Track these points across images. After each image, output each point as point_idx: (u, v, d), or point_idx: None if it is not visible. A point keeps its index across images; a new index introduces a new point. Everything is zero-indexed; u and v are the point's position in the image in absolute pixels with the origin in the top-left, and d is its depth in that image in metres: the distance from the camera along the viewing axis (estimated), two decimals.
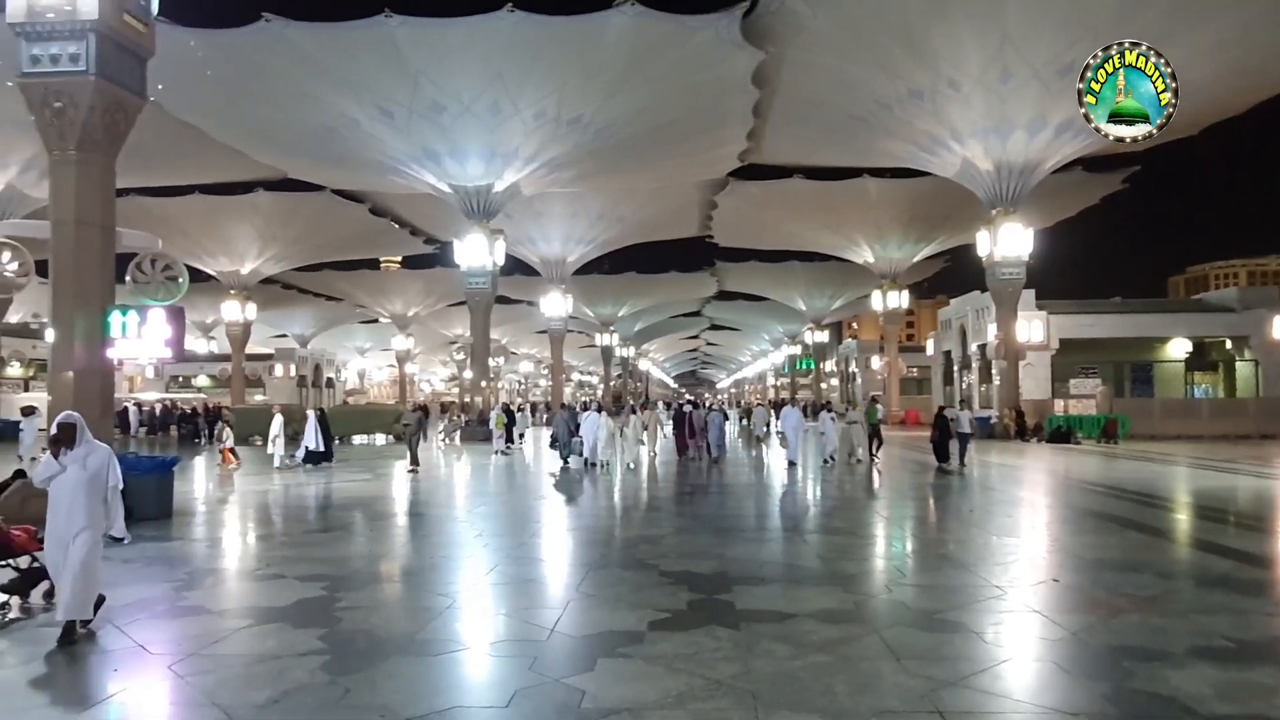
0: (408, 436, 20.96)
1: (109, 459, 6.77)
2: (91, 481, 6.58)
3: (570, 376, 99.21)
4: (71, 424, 6.65)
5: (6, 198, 32.16)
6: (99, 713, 5.26)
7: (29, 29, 11.96)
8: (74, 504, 6.46)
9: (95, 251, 12.53)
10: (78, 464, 6.55)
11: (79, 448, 6.61)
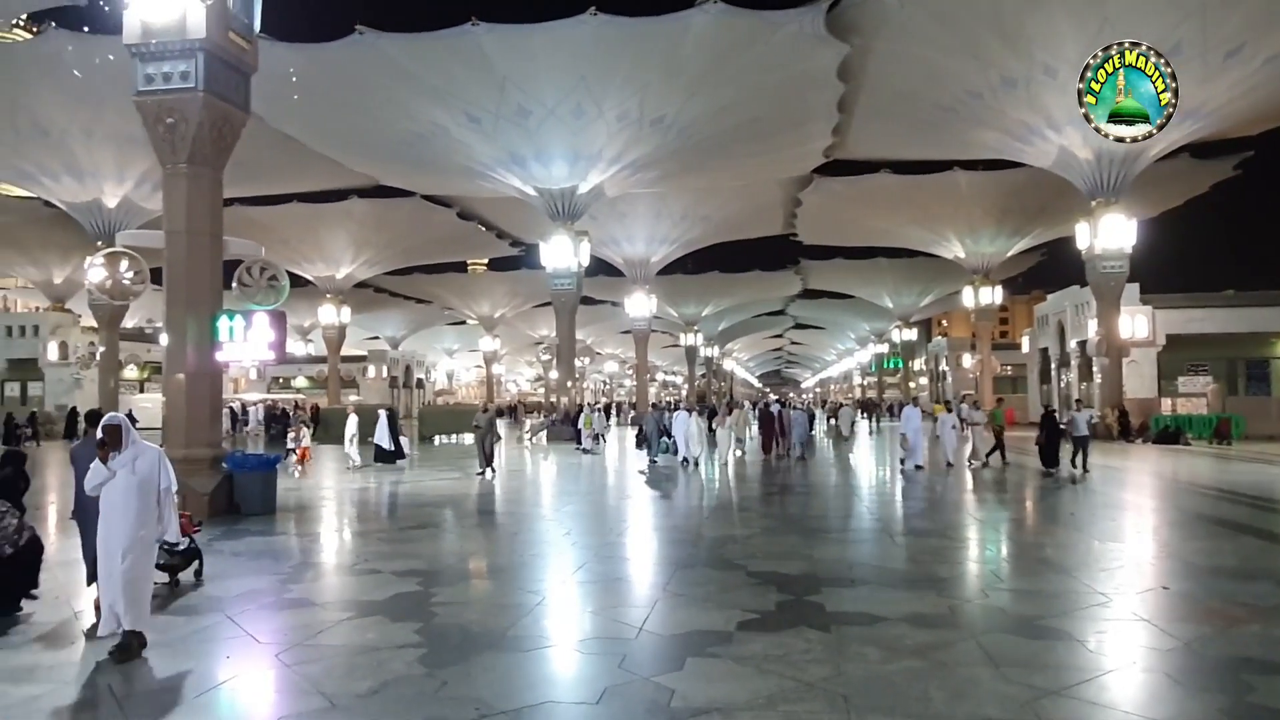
0: (478, 439, 20.30)
1: (159, 460, 6.41)
2: (142, 485, 6.24)
3: (654, 376, 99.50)
4: (117, 426, 6.28)
5: (123, 210, 34.07)
6: (213, 697, 5.52)
7: (143, 49, 12.65)
8: (125, 509, 6.15)
9: (205, 259, 13.18)
10: (126, 468, 6.20)
11: (126, 451, 6.24)
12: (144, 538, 6.26)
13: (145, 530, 6.26)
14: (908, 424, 20.65)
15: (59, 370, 43.81)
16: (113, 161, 32.10)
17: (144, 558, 6.30)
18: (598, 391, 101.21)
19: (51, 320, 45.84)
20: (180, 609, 7.62)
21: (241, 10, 13.35)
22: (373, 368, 68.13)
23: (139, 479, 6.22)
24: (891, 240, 49.58)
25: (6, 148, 31.07)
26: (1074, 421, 19.29)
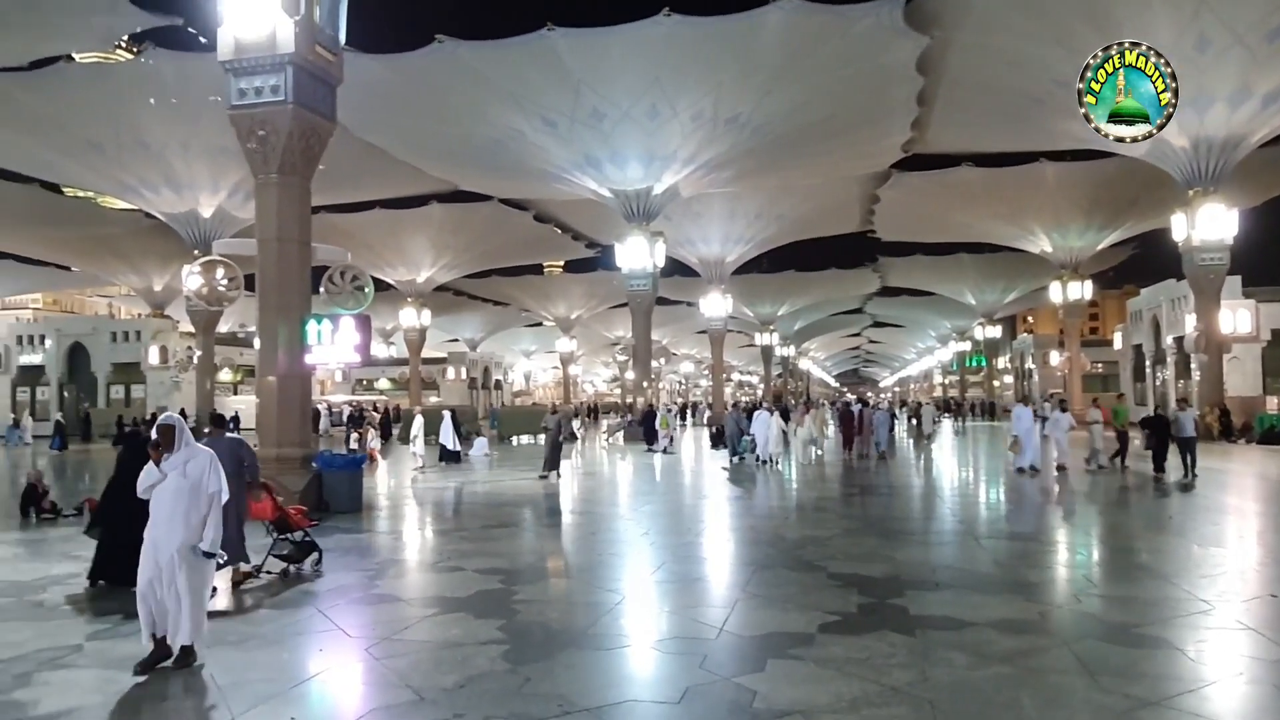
0: (547, 441, 19.65)
1: (209, 464, 6.10)
2: (194, 490, 5.97)
3: (730, 376, 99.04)
4: (170, 426, 6.04)
5: (218, 219, 35.56)
6: (307, 689, 5.72)
7: (236, 65, 13.19)
8: (174, 515, 5.86)
9: (294, 265, 13.66)
10: (178, 471, 5.94)
11: (178, 453, 5.99)
12: (191, 539, 5.93)
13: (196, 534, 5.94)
14: (1018, 424, 19.51)
15: (159, 373, 45.89)
16: (208, 173, 33.55)
17: (198, 567, 5.95)
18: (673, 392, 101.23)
19: (152, 326, 48.08)
20: (274, 602, 7.91)
21: (327, 24, 13.80)
22: (452, 369, 69.54)
23: (190, 483, 5.96)
24: (973, 235, 48.28)
25: (111, 162, 32.75)
26: (1179, 422, 18.06)
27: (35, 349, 47.57)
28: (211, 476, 6.07)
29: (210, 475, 6.06)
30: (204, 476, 6.02)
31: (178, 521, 5.86)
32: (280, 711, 5.19)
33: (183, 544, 5.83)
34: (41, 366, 47.27)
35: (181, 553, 5.81)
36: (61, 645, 6.49)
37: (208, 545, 5.96)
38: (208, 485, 6.02)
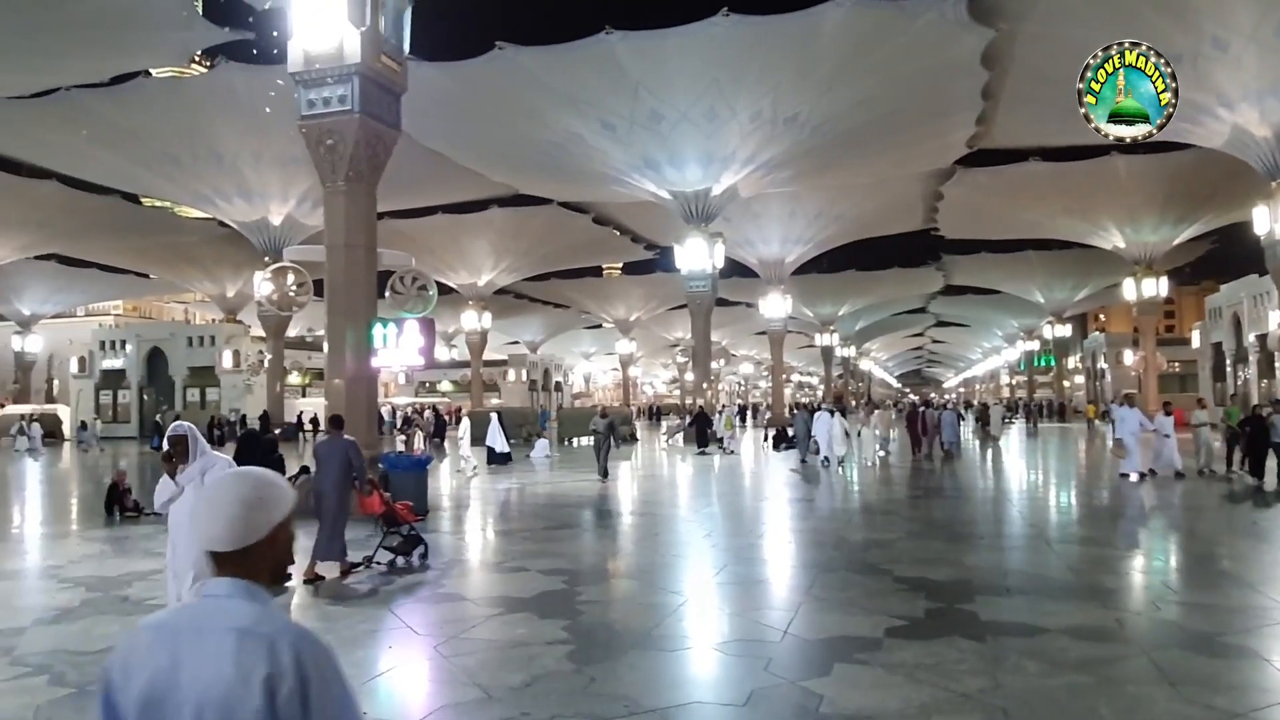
0: (595, 446, 19.17)
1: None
2: None
3: (790, 377, 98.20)
4: (183, 436, 5.62)
5: (287, 226, 36.59)
6: (378, 685, 5.85)
7: (305, 76, 13.55)
8: (192, 530, 5.16)
9: (361, 270, 13.97)
10: (194, 483, 5.51)
11: (194, 463, 5.56)
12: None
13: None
14: (1123, 426, 18.04)
15: (233, 377, 47.37)
16: (278, 182, 34.54)
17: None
18: (733, 393, 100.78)
19: (226, 331, 49.66)
20: (346, 600, 8.10)
21: (392, 34, 14.09)
22: (513, 371, 70.34)
23: None
24: (1041, 231, 47.04)
25: (187, 173, 33.94)
26: (1276, 425, 16.76)
27: (117, 354, 49.46)
28: None
29: None
30: None
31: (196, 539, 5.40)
32: None
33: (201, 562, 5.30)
34: (123, 370, 49.12)
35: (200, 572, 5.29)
36: None
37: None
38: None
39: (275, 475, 1.89)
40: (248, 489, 1.78)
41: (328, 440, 9.66)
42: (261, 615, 1.70)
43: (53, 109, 28.43)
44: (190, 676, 1.63)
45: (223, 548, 1.74)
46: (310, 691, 1.64)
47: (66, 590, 8.58)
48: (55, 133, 30.78)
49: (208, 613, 1.70)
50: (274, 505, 1.80)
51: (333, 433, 9.76)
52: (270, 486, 1.81)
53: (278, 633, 1.67)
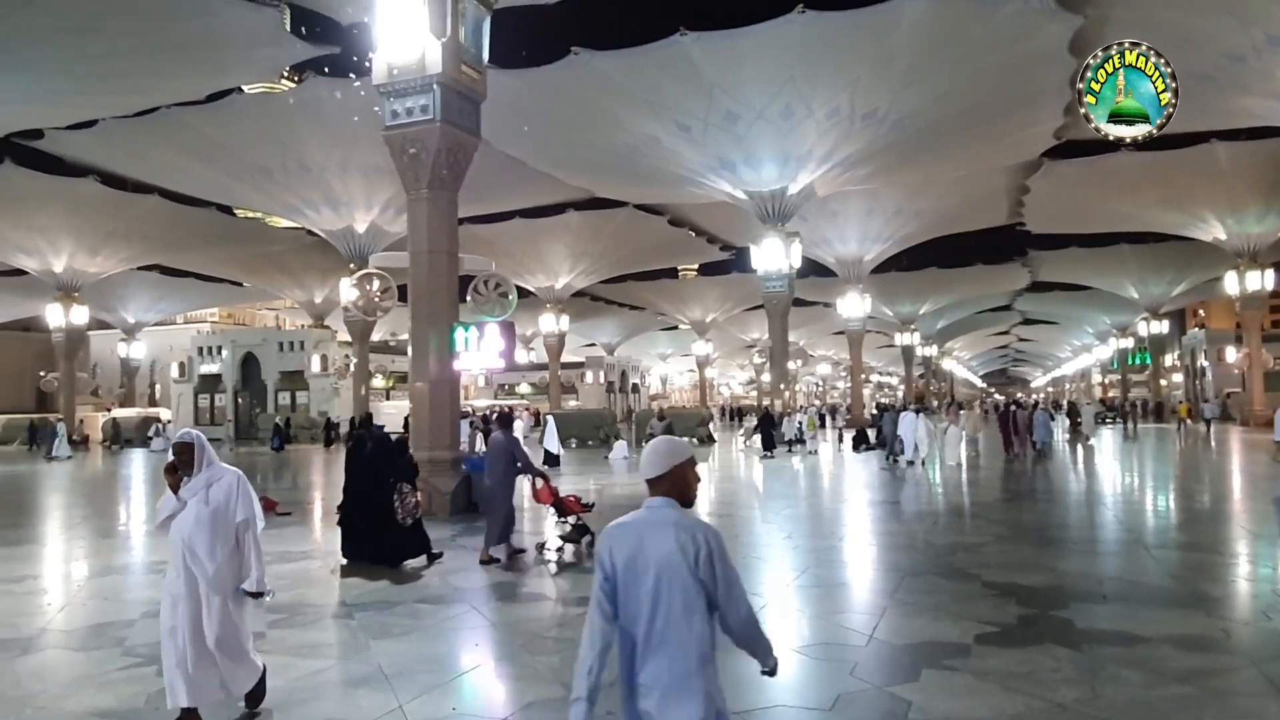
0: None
1: (235, 487, 4.98)
2: (214, 519, 4.88)
3: (869, 378, 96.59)
4: (188, 444, 4.98)
5: (371, 234, 37.69)
6: (465, 681, 5.98)
7: (389, 88, 13.95)
8: (194, 548, 4.83)
9: (443, 276, 14.29)
10: (198, 497, 4.90)
11: (199, 475, 4.95)
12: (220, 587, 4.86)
13: (219, 577, 4.86)
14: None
15: (321, 380, 48.97)
16: (362, 191, 35.62)
17: (228, 608, 4.90)
18: (810, 394, 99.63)
19: (314, 336, 51.37)
20: (430, 598, 8.27)
21: (471, 43, 14.38)
22: (590, 373, 70.93)
23: (210, 510, 4.88)
24: (1135, 224, 45.21)
25: (277, 185, 35.28)
26: None
27: (213, 359, 51.64)
28: (239, 501, 4.95)
29: (237, 500, 4.94)
30: (229, 501, 4.92)
31: (205, 556, 4.82)
32: (442, 702, 5.43)
33: (207, 588, 4.79)
34: (219, 375, 51.26)
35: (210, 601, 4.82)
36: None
37: (252, 584, 4.94)
38: (234, 512, 4.93)
39: (679, 441, 3.19)
40: (664, 444, 3.09)
41: (495, 435, 10.76)
42: (682, 516, 3.00)
43: (154, 127, 29.94)
44: (650, 548, 2.91)
45: (651, 474, 3.05)
46: (715, 558, 2.91)
47: None
48: (157, 149, 32.40)
49: (653, 515, 2.99)
50: (677, 454, 3.08)
51: (502, 431, 10.79)
52: (675, 443, 3.13)
53: (695, 525, 2.96)
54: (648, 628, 2.88)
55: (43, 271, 42.64)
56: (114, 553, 11.56)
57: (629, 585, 2.91)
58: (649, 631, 2.89)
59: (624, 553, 2.92)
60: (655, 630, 2.88)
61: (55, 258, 41.94)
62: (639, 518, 3.00)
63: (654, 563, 2.87)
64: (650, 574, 2.87)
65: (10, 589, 9.10)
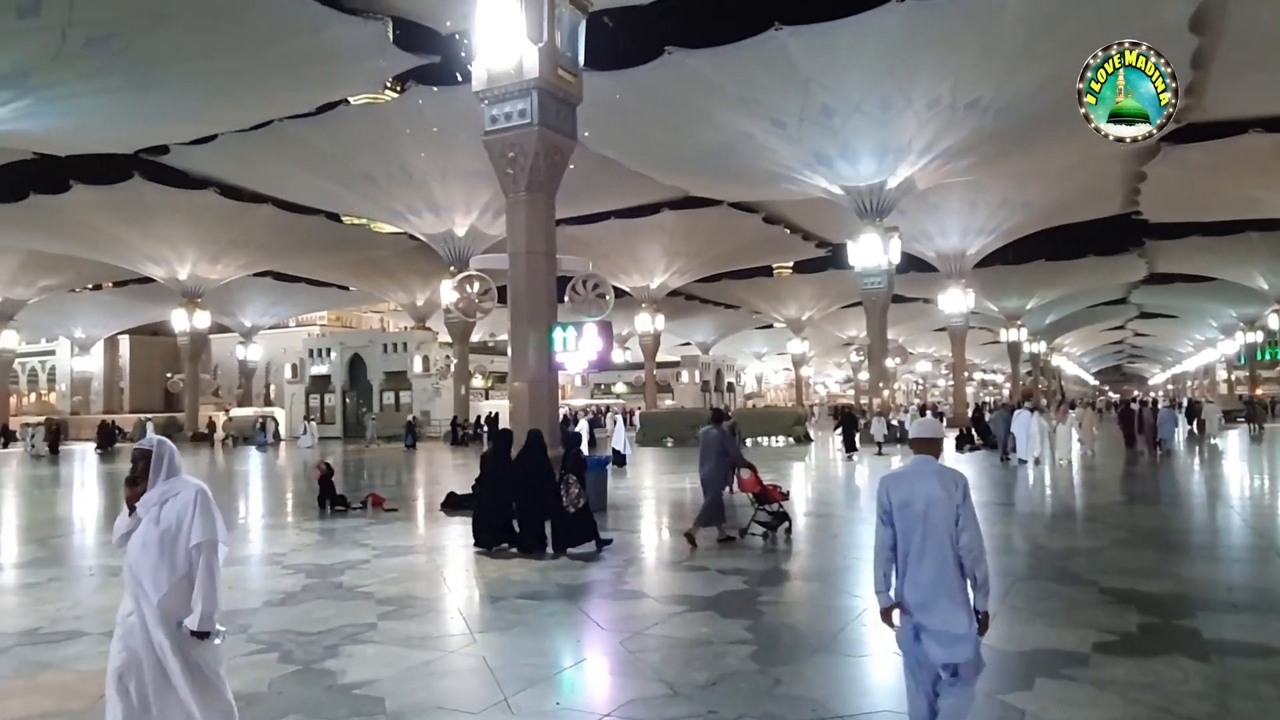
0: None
1: (193, 505, 4.10)
2: (163, 542, 4.05)
3: (972, 376, 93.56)
4: (146, 452, 4.21)
5: (470, 237, 38.64)
6: (568, 677, 6.06)
7: (488, 94, 14.25)
8: (141, 573, 4.04)
9: (542, 276, 14.51)
10: (150, 515, 4.11)
11: (153, 489, 4.14)
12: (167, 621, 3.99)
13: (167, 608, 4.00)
14: None
15: (423, 380, 50.45)
16: (461, 196, 36.55)
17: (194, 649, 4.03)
18: (909, 392, 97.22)
19: (417, 337, 52.97)
20: (532, 594, 8.42)
21: (567, 47, 14.56)
22: (685, 373, 70.95)
23: (160, 530, 4.07)
24: (1264, 210, 42.36)
25: (382, 191, 36.54)
26: None
27: (323, 360, 53.84)
28: (196, 521, 4.08)
29: (194, 520, 4.08)
30: (184, 521, 4.07)
31: (144, 586, 4.01)
32: (546, 696, 5.52)
33: (163, 617, 3.98)
34: (328, 376, 53.41)
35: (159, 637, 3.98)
36: (359, 623, 7.29)
37: (195, 621, 3.98)
38: (188, 535, 4.06)
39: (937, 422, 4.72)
40: (929, 422, 4.47)
41: (708, 429, 11.66)
42: (940, 466, 4.20)
43: (268, 140, 31.42)
44: (919, 489, 4.06)
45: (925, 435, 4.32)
46: (968, 497, 4.05)
47: (289, 576, 9.42)
48: (270, 161, 34.00)
49: (921, 467, 4.17)
50: (936, 430, 4.40)
51: (714, 425, 11.69)
52: (934, 423, 4.53)
53: (951, 472, 4.16)
54: (920, 545, 4.00)
55: (169, 279, 45.30)
56: (235, 545, 12.18)
57: (903, 516, 4.05)
58: (921, 548, 4.00)
59: (899, 493, 4.10)
60: (923, 546, 3.99)
61: (180, 266, 44.50)
62: (909, 469, 4.19)
63: (923, 499, 4.01)
64: (920, 506, 4.01)
65: None
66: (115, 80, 23.86)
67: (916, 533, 3.99)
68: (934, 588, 3.95)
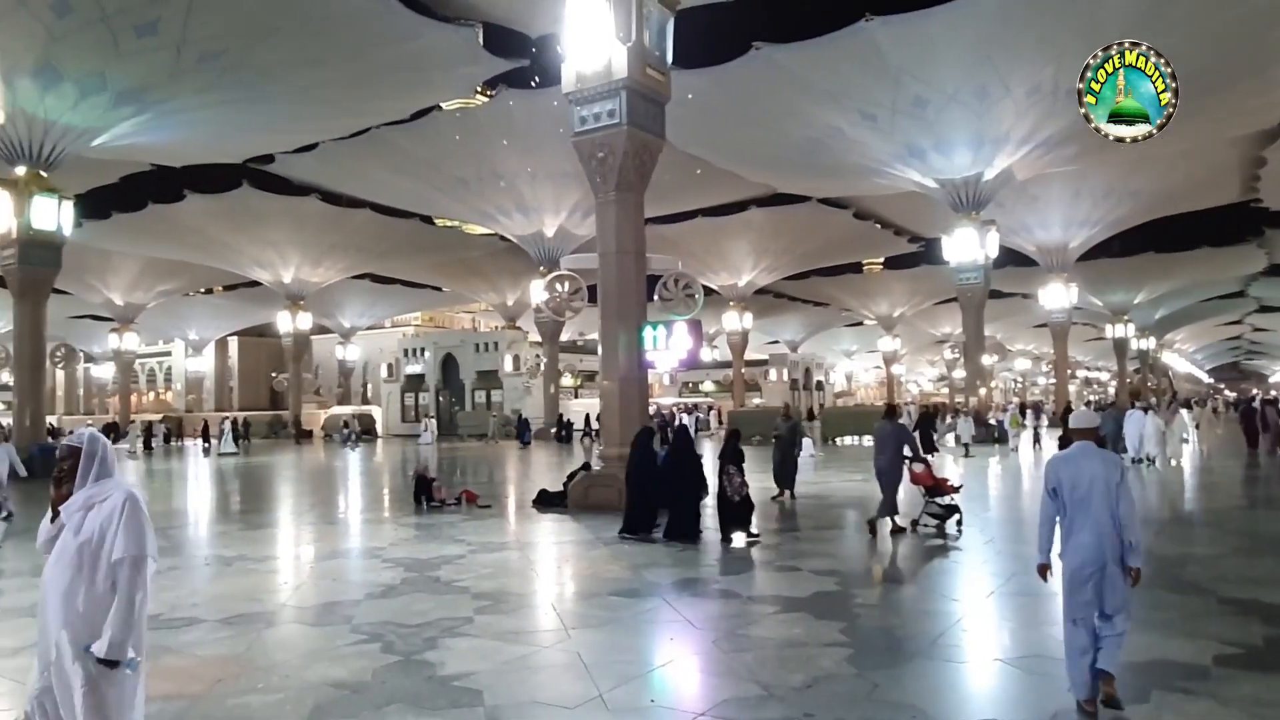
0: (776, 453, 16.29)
1: (118, 513, 3.54)
2: (80, 554, 3.51)
3: (1074, 373, 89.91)
4: (75, 450, 3.66)
5: (559, 237, 39.13)
6: (662, 674, 6.06)
7: (578, 95, 14.41)
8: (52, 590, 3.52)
9: (632, 276, 14.59)
10: (74, 522, 3.57)
11: (79, 493, 3.60)
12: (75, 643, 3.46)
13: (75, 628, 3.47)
14: None
15: (513, 379, 51.35)
16: (550, 197, 37.06)
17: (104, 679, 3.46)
18: (1007, 390, 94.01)
19: (507, 337, 53.95)
20: (624, 592, 8.45)
21: (656, 45, 14.60)
22: (773, 371, 70.26)
23: (79, 541, 3.53)
24: None
25: (474, 194, 37.35)
26: None
27: (417, 360, 55.34)
28: (120, 532, 3.50)
29: (118, 530, 3.51)
30: (107, 532, 3.51)
31: (55, 601, 3.50)
32: (641, 692, 5.54)
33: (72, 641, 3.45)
34: (422, 375, 54.86)
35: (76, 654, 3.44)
36: (457, 616, 7.46)
37: (103, 647, 3.41)
38: (110, 548, 3.49)
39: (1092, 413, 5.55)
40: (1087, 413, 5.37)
41: (883, 424, 12.18)
42: (1100, 451, 5.09)
43: (365, 147, 32.48)
44: (1084, 467, 4.97)
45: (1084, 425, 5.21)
46: (1124, 476, 4.96)
47: (389, 569, 9.70)
48: (368, 167, 35.13)
49: (1085, 450, 5.07)
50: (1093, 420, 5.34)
51: (887, 419, 12.28)
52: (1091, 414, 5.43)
53: (1109, 455, 5.10)
54: (1083, 516, 4.92)
55: (274, 282, 47.32)
56: (337, 538, 12.62)
57: (1071, 488, 4.96)
58: (1084, 518, 4.92)
59: (1068, 471, 5.01)
60: (1085, 517, 4.92)
61: (284, 269, 46.45)
62: (1074, 452, 5.12)
63: (1087, 477, 4.92)
64: (1085, 483, 4.92)
65: (256, 568, 10.14)
66: (226, 94, 25.05)
67: (1079, 505, 4.91)
68: (1095, 551, 4.86)
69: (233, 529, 13.60)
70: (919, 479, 11.76)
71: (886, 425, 12.13)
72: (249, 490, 21.25)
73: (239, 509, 17.32)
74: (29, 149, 24.08)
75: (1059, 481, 5.00)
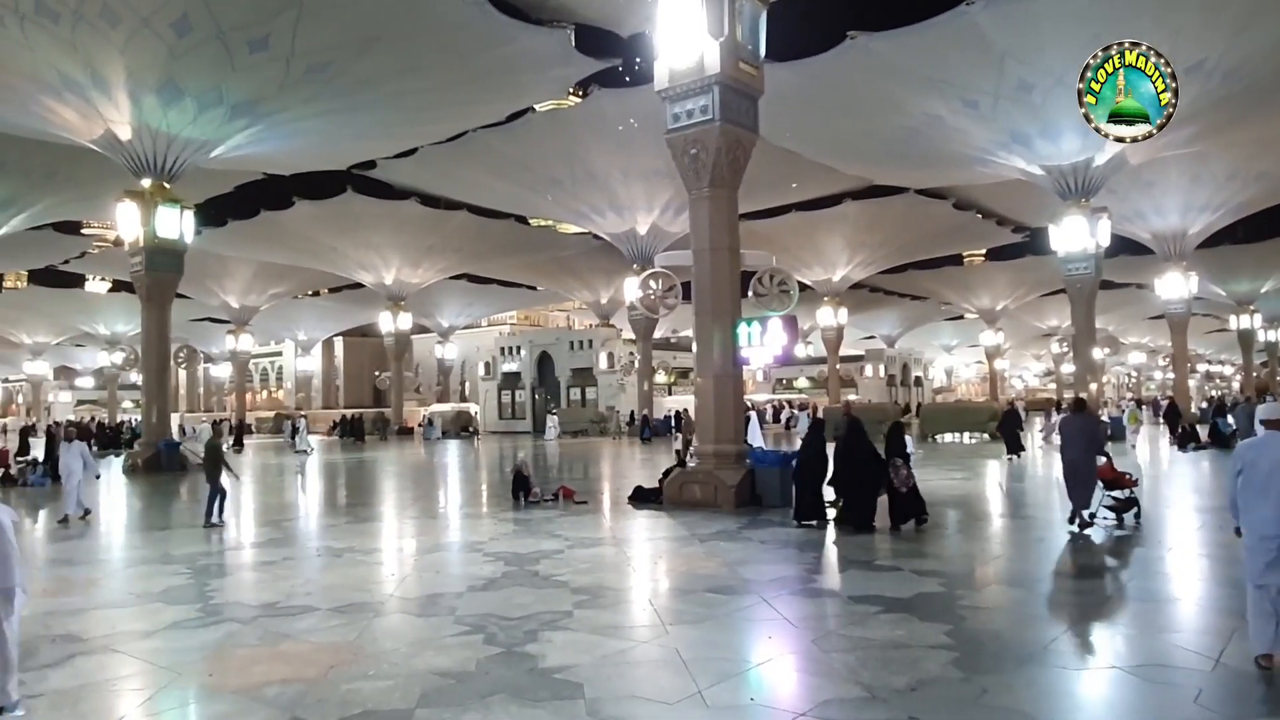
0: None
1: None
2: None
3: (1195, 367, 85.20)
4: None
5: (652, 235, 39.26)
6: (761, 672, 6.02)
7: (670, 92, 14.42)
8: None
9: (726, 272, 14.52)
10: None
11: None
12: None
13: None
14: None
15: (607, 376, 51.77)
16: (643, 195, 37.20)
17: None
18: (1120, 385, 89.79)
19: (601, 335, 54.44)
20: (720, 589, 8.41)
21: (748, 39, 14.48)
22: (870, 367, 68.87)
23: None
24: None
25: (567, 194, 37.81)
26: None
27: (513, 358, 56.40)
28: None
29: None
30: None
31: None
32: (740, 690, 5.52)
33: None
34: (518, 373, 55.89)
35: None
36: (556, 610, 7.57)
37: None
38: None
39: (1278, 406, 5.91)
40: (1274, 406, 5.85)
41: (1071, 417, 12.21)
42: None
43: (462, 150, 33.27)
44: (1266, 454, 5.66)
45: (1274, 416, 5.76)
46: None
47: (490, 563, 9.92)
48: (464, 170, 35.98)
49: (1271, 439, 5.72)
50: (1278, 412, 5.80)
51: (1076, 413, 12.30)
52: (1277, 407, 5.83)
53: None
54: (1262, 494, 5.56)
55: (376, 284, 48.99)
56: (439, 532, 12.98)
57: (1254, 469, 5.64)
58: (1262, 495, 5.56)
59: (1251, 454, 5.74)
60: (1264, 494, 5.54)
61: (386, 271, 48.02)
62: (1261, 440, 5.77)
63: (1268, 461, 5.59)
64: (1265, 466, 5.59)
65: (364, 559, 10.52)
66: (331, 103, 26.04)
67: (1257, 485, 5.61)
68: (1274, 525, 5.50)
69: (340, 522, 14.14)
70: (1100, 473, 11.78)
71: (1077, 419, 12.11)
72: (354, 485, 22.05)
73: (345, 503, 18.00)
74: (153, 162, 25.54)
75: (1245, 463, 5.71)
